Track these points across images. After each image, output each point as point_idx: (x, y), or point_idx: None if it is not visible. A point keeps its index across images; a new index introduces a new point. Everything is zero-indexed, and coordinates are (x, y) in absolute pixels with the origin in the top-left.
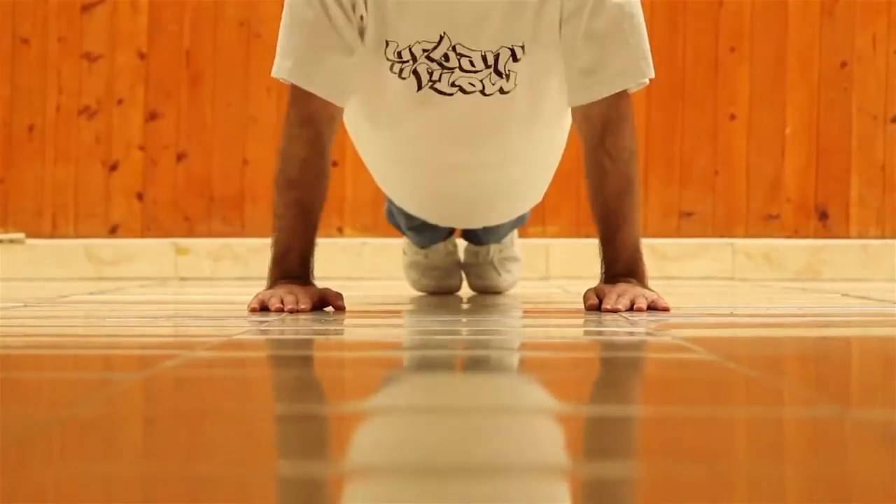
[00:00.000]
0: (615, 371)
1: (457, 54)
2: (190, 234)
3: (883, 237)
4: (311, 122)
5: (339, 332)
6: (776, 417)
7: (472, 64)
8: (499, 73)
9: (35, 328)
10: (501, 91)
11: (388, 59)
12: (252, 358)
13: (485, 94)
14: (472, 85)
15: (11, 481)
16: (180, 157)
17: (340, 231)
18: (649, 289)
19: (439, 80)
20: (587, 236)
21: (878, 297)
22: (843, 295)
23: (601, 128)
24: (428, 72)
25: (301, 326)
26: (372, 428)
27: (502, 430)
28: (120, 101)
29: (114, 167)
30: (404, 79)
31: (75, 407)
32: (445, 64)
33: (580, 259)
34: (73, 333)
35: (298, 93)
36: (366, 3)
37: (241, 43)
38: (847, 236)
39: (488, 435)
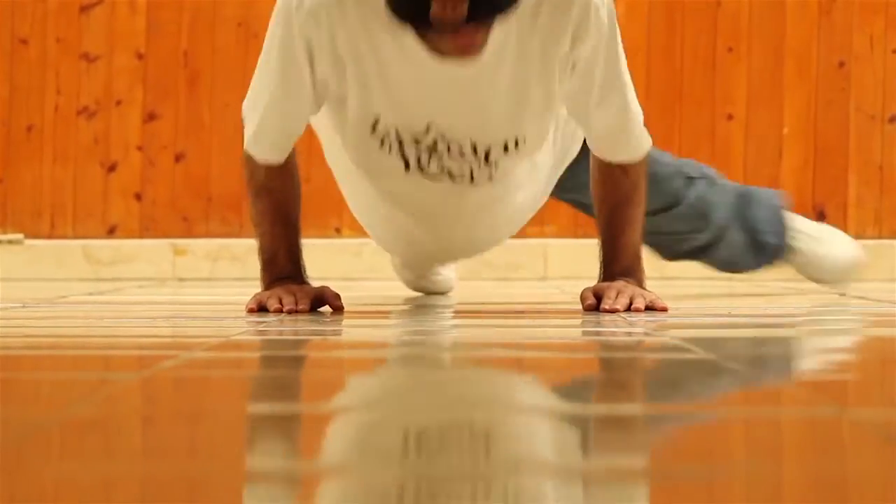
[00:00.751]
0: (613, 371)
1: (445, 141)
2: (188, 234)
3: (880, 237)
4: None
5: (337, 333)
6: (774, 417)
7: (461, 151)
8: (488, 163)
9: (34, 328)
10: (490, 178)
11: (375, 132)
12: (250, 358)
13: (472, 182)
14: (462, 171)
15: (11, 481)
16: (178, 158)
17: (339, 232)
18: (647, 289)
19: (427, 164)
20: (585, 237)
21: (875, 297)
22: (840, 295)
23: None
24: (416, 156)
25: (299, 327)
26: (365, 427)
27: (498, 429)
28: (118, 102)
29: (112, 168)
30: (391, 155)
31: (73, 407)
32: (433, 149)
33: (578, 259)
34: (72, 334)
35: None
36: (344, 76)
37: (240, 43)
38: None
39: (483, 433)
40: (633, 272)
